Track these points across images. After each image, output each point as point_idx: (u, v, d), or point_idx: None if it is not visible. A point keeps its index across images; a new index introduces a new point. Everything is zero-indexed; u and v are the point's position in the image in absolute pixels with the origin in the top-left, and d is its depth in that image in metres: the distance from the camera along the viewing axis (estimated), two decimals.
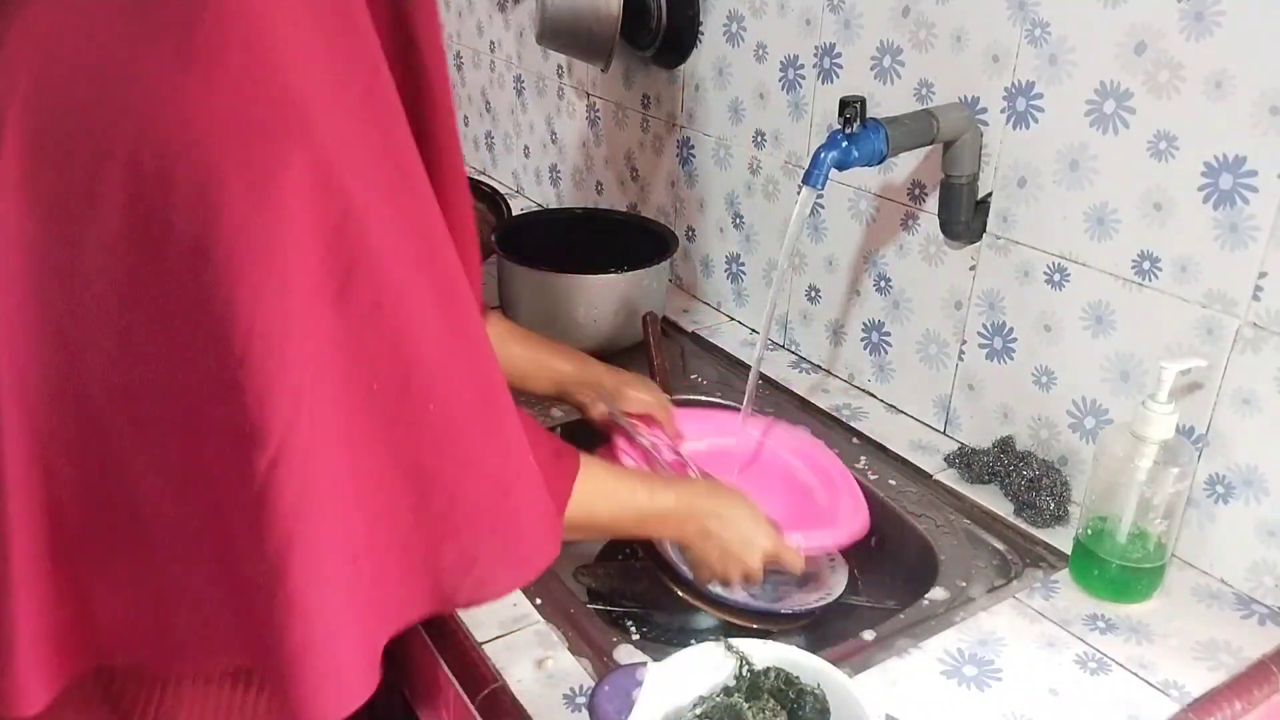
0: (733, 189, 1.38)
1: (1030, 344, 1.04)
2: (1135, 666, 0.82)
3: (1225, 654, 0.84)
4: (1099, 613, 0.88)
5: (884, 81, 1.13)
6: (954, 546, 0.97)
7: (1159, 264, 0.91)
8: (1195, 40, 0.85)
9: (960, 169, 1.03)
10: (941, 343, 1.13)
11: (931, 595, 0.91)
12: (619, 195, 1.64)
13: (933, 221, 1.10)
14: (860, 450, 1.13)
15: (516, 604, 0.87)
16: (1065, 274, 0.99)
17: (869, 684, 0.79)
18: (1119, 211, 0.93)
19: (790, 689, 0.67)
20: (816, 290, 1.28)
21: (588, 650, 0.83)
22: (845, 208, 1.21)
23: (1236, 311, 0.87)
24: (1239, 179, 0.84)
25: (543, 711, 0.76)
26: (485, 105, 2.01)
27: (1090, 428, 1.00)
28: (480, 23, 1.95)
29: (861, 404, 1.22)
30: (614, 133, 1.61)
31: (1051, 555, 0.96)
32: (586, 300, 1.26)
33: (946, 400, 1.14)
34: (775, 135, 1.29)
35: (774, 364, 1.31)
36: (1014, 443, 1.07)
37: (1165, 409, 0.85)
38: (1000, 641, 0.85)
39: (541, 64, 1.77)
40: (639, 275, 1.28)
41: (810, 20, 1.20)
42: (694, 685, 0.68)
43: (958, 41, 1.04)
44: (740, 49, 1.31)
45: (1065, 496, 1.01)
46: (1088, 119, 0.94)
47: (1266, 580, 0.89)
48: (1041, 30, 0.96)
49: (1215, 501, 0.91)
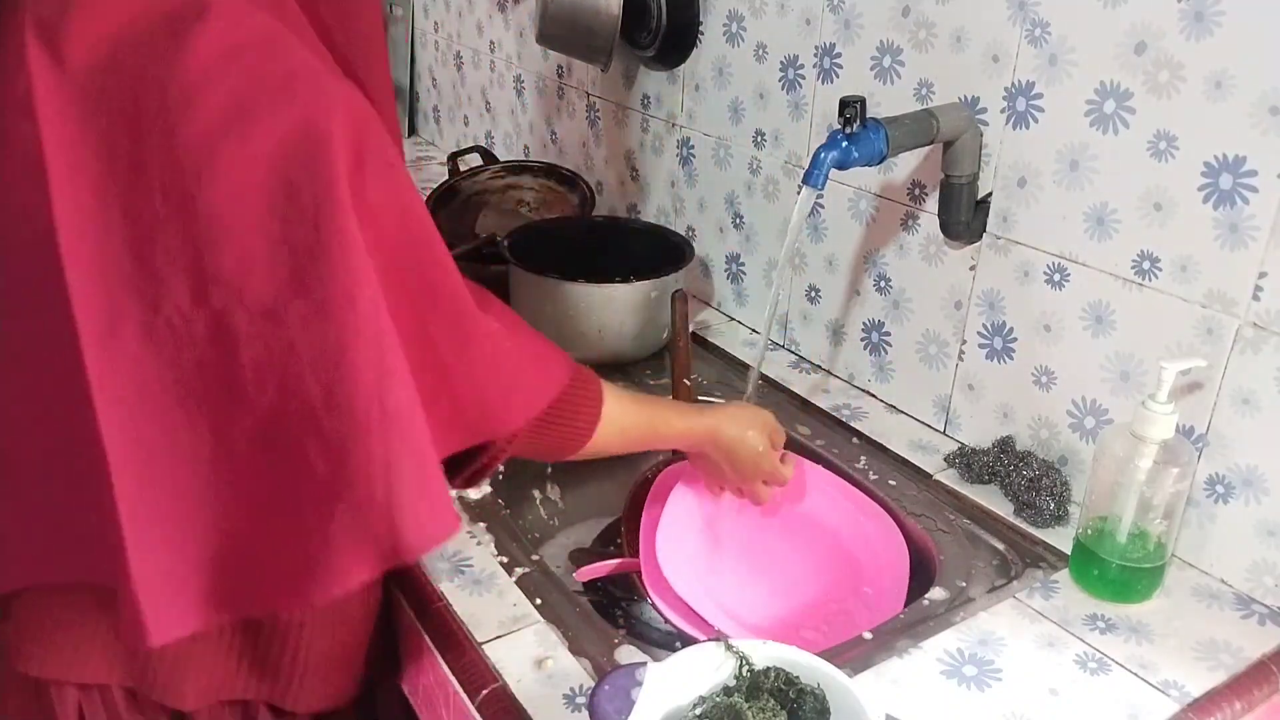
0: (733, 189, 1.38)
1: (1030, 344, 1.04)
2: (1135, 666, 0.82)
3: (1225, 654, 0.84)
4: (1099, 613, 0.88)
5: (884, 81, 1.13)
6: (954, 546, 0.97)
7: (1159, 264, 0.91)
8: (1195, 40, 0.85)
9: (960, 169, 1.03)
10: (941, 343, 1.13)
11: (931, 595, 0.91)
12: (619, 195, 1.64)
13: (933, 221, 1.10)
14: (860, 450, 1.13)
15: (516, 604, 0.87)
16: (1065, 274, 0.99)
17: (869, 684, 0.79)
18: (1119, 211, 0.93)
19: (790, 689, 0.67)
20: (816, 290, 1.28)
21: (588, 650, 0.83)
22: (845, 208, 1.21)
23: (1236, 311, 0.87)
24: (1239, 179, 0.84)
25: (543, 711, 0.76)
26: (485, 105, 2.01)
27: (1090, 428, 1.00)
28: (480, 23, 1.95)
29: (861, 404, 1.22)
30: (614, 133, 1.61)
31: (1051, 555, 0.96)
32: (600, 310, 1.23)
33: (946, 400, 1.14)
34: (775, 135, 1.29)
35: (774, 364, 1.31)
36: (1014, 443, 1.07)
37: (1165, 409, 0.85)
38: (1000, 641, 0.85)
39: (541, 64, 1.77)
40: (653, 284, 1.25)
41: (810, 20, 1.20)
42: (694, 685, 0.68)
43: (958, 41, 1.04)
44: (740, 49, 1.31)
45: (1065, 496, 1.01)
46: (1088, 119, 0.94)
47: (1266, 580, 0.89)
48: (1041, 30, 0.96)
49: (1215, 501, 0.91)
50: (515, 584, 0.89)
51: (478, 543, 0.95)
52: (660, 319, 1.27)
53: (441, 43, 2.14)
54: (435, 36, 2.16)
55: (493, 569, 0.91)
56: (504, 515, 0.99)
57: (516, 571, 0.91)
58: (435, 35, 2.16)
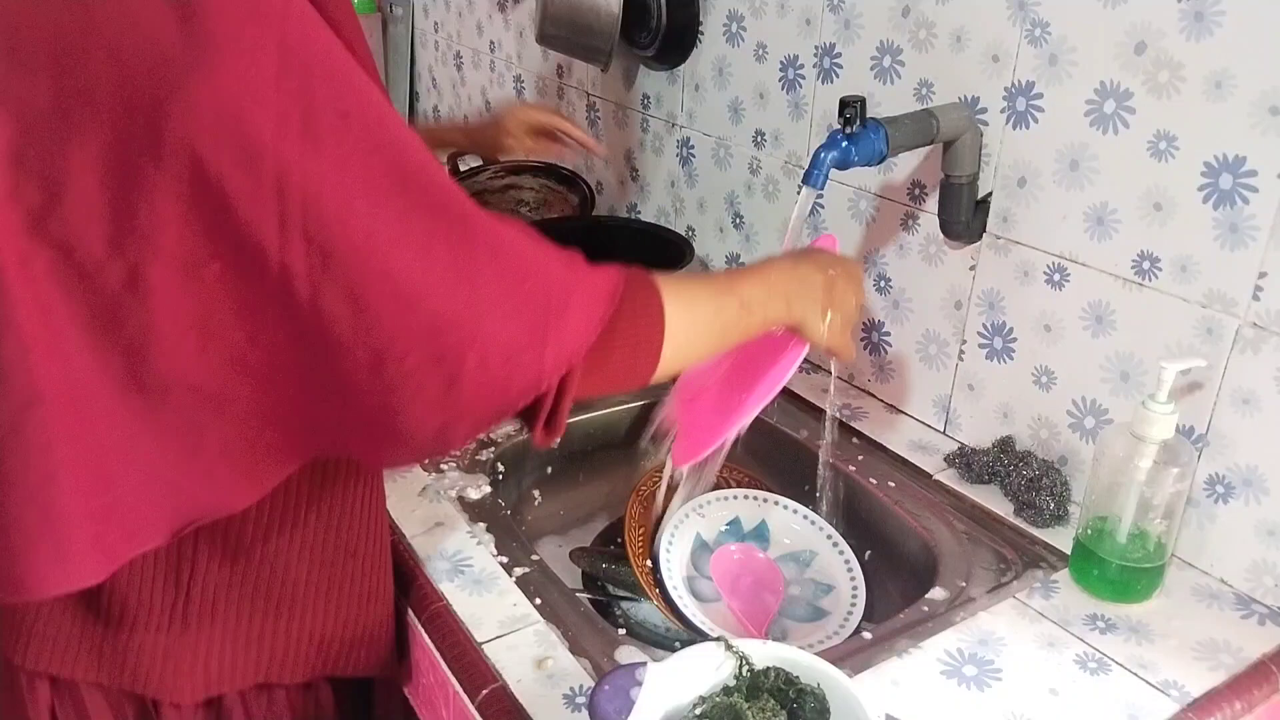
0: (733, 189, 1.38)
1: (1030, 344, 1.04)
2: (1135, 666, 0.82)
3: (1225, 654, 0.84)
4: (1099, 613, 0.88)
5: (884, 81, 1.13)
6: (954, 546, 0.97)
7: (1159, 264, 0.91)
8: (1195, 40, 0.85)
9: (960, 169, 1.03)
10: (941, 343, 1.13)
11: (931, 595, 0.91)
12: (619, 195, 1.64)
13: (933, 221, 1.10)
14: (860, 450, 1.13)
15: (516, 604, 0.87)
16: (1065, 274, 0.99)
17: (869, 684, 0.79)
18: (1119, 211, 0.93)
19: (790, 689, 0.67)
20: None
21: (588, 650, 0.83)
22: (845, 208, 1.21)
23: (1236, 311, 0.87)
24: (1239, 179, 0.84)
25: (543, 711, 0.76)
26: (485, 105, 2.01)
27: (1090, 428, 1.00)
28: (480, 23, 1.95)
29: (861, 404, 1.22)
30: (614, 133, 1.61)
31: (1051, 555, 0.96)
32: None
33: (946, 400, 1.14)
34: (775, 135, 1.29)
35: None
36: (1014, 443, 1.07)
37: (1165, 409, 0.85)
38: (1000, 641, 0.85)
39: (541, 64, 1.77)
40: None
41: (810, 20, 1.20)
42: (694, 685, 0.68)
43: (958, 41, 1.04)
44: (740, 49, 1.31)
45: (1065, 496, 1.01)
46: (1088, 119, 0.94)
47: (1266, 580, 0.89)
48: (1041, 30, 0.96)
49: (1215, 501, 0.91)
50: (515, 584, 0.90)
51: (478, 543, 0.95)
52: None
53: (441, 43, 2.14)
54: (435, 36, 2.16)
55: (493, 569, 0.91)
56: (504, 515, 0.99)
57: (516, 571, 0.91)
58: (435, 35, 2.16)
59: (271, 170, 0.56)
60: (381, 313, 0.59)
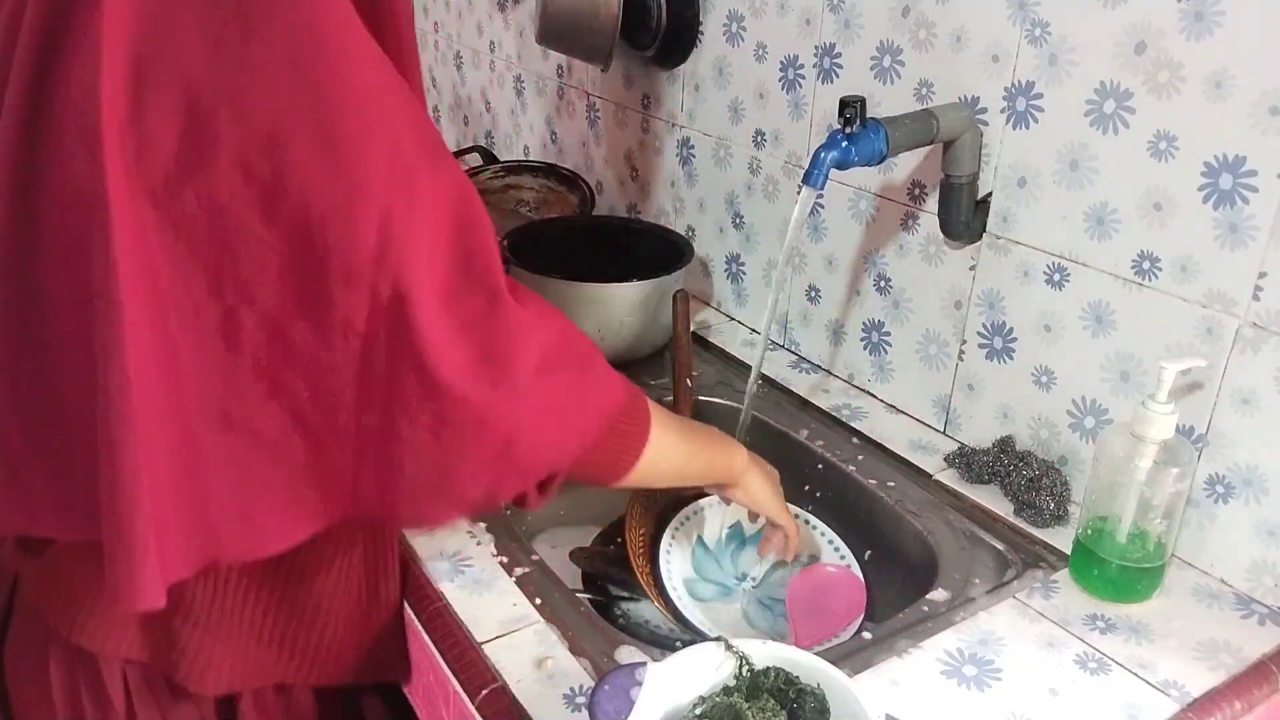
0: (733, 189, 1.38)
1: (1030, 344, 1.04)
2: (1135, 666, 0.82)
3: (1225, 654, 0.84)
4: (1099, 613, 0.88)
5: (884, 81, 1.13)
6: (954, 546, 0.97)
7: (1159, 264, 0.91)
8: (1195, 40, 0.85)
9: (960, 169, 1.03)
10: (941, 343, 1.13)
11: (931, 595, 0.91)
12: (619, 195, 1.64)
13: (933, 221, 1.10)
14: (860, 450, 1.13)
15: (516, 604, 0.87)
16: (1065, 274, 0.99)
17: (869, 684, 0.79)
18: (1119, 211, 0.93)
19: (790, 689, 0.67)
20: (816, 290, 1.28)
21: (588, 650, 0.83)
22: (845, 208, 1.21)
23: (1236, 311, 0.87)
24: (1239, 179, 0.84)
25: (543, 711, 0.76)
26: (485, 105, 2.01)
27: (1090, 428, 1.00)
28: (480, 23, 1.95)
29: (861, 404, 1.22)
30: (614, 133, 1.61)
31: (1051, 555, 0.96)
32: (600, 310, 1.24)
33: (946, 400, 1.14)
34: (775, 135, 1.29)
35: (774, 364, 1.31)
36: (1014, 443, 1.07)
37: (1165, 409, 0.85)
38: (1000, 641, 0.85)
39: (541, 64, 1.77)
40: (653, 284, 1.25)
41: (810, 20, 1.20)
42: (694, 685, 0.68)
43: (958, 41, 1.04)
44: (740, 49, 1.31)
45: (1065, 496, 1.01)
46: (1088, 119, 0.94)
47: (1266, 580, 0.89)
48: (1041, 30, 0.96)
49: (1215, 501, 0.91)
50: (515, 584, 0.90)
51: (478, 543, 0.95)
52: (660, 319, 1.27)
53: (441, 43, 2.14)
54: (435, 36, 2.16)
55: (493, 569, 0.91)
56: (504, 515, 0.99)
57: (516, 571, 0.91)
58: (435, 35, 2.16)
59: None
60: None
